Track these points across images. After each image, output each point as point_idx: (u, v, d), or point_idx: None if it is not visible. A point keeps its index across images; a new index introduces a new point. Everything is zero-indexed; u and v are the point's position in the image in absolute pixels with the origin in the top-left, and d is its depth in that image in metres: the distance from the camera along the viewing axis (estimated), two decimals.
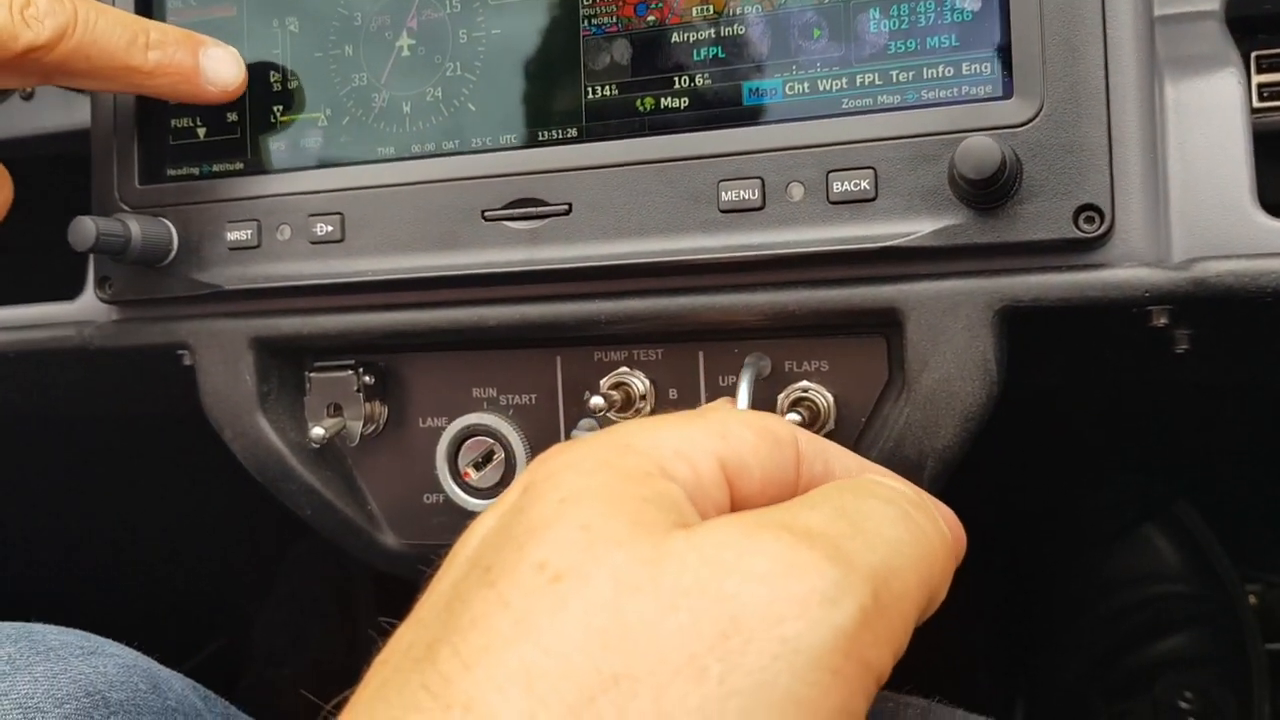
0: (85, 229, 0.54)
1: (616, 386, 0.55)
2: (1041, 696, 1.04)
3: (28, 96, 0.76)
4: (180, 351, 0.63)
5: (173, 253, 0.58)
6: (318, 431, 0.57)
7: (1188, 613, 1.03)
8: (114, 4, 0.59)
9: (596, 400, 0.53)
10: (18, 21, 0.50)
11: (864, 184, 0.47)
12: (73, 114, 0.74)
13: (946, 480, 0.49)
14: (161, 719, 0.47)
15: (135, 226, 0.56)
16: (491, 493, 0.58)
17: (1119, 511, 1.07)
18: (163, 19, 0.60)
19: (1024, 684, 1.11)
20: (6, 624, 0.49)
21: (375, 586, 1.21)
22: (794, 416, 0.50)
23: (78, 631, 0.50)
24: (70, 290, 0.66)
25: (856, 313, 0.49)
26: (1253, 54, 0.57)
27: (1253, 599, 1.08)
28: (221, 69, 0.56)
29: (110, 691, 0.46)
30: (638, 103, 0.52)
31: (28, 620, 0.54)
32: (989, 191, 0.44)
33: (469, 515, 0.58)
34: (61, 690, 0.44)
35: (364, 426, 0.59)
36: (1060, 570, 1.08)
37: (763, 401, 0.52)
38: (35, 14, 0.51)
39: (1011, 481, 1.07)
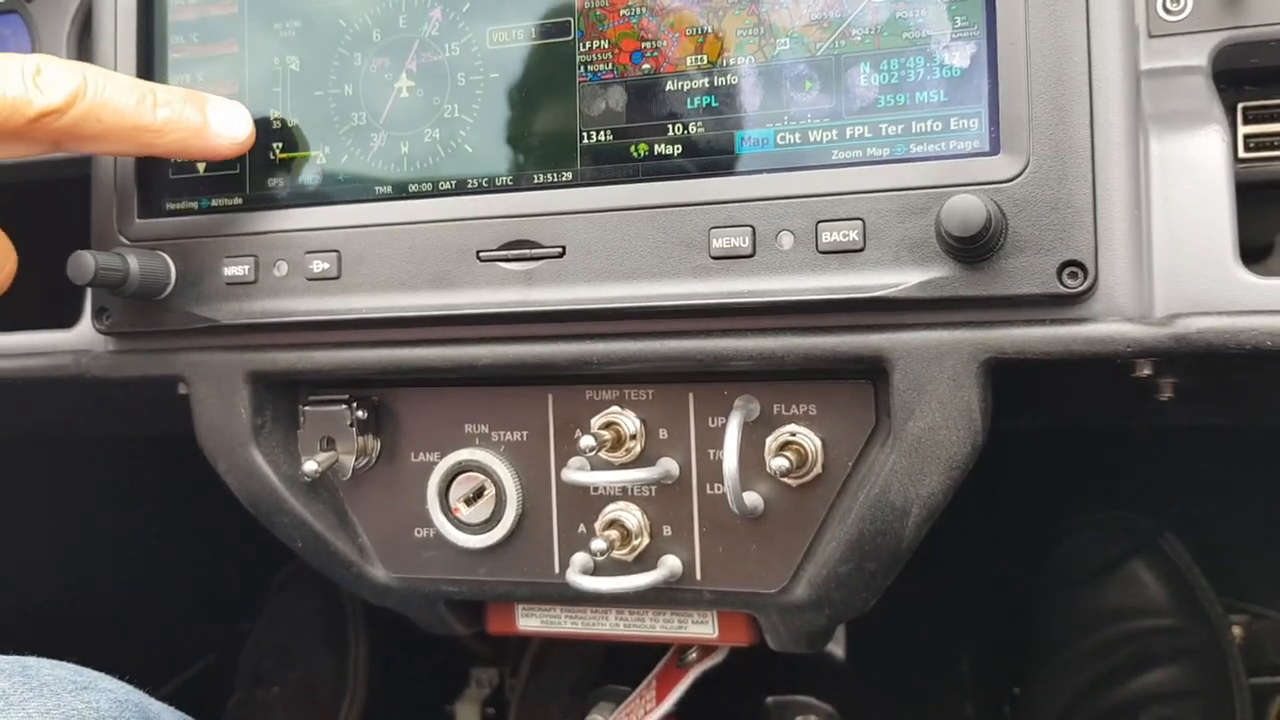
0: (84, 263, 0.55)
1: (607, 426, 0.55)
2: None
3: None
4: (178, 381, 0.64)
5: (170, 286, 0.58)
6: (310, 466, 0.57)
7: (1173, 646, 1.04)
8: (117, 57, 0.60)
9: (587, 440, 0.53)
10: (30, 88, 0.51)
11: (852, 234, 0.48)
12: None
13: (930, 525, 0.50)
14: None
15: (134, 261, 0.57)
16: (482, 528, 0.58)
17: (1106, 546, 1.08)
18: (164, 56, 0.60)
19: (1010, 715, 1.11)
20: (1, 657, 0.50)
21: (365, 607, 1.22)
22: (781, 462, 0.51)
23: (71, 666, 0.50)
24: (70, 315, 0.66)
25: (844, 360, 0.50)
26: (1239, 105, 0.58)
27: (1237, 631, 1.09)
28: (231, 122, 0.57)
29: None
30: (632, 148, 0.53)
31: (19, 640, 0.54)
32: (975, 247, 0.45)
33: (459, 550, 0.59)
34: None
35: (356, 460, 0.59)
36: (1047, 603, 1.08)
37: (750, 444, 0.53)
38: (47, 80, 0.52)
39: (999, 515, 1.08)
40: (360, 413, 0.59)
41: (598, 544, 0.54)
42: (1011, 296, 0.47)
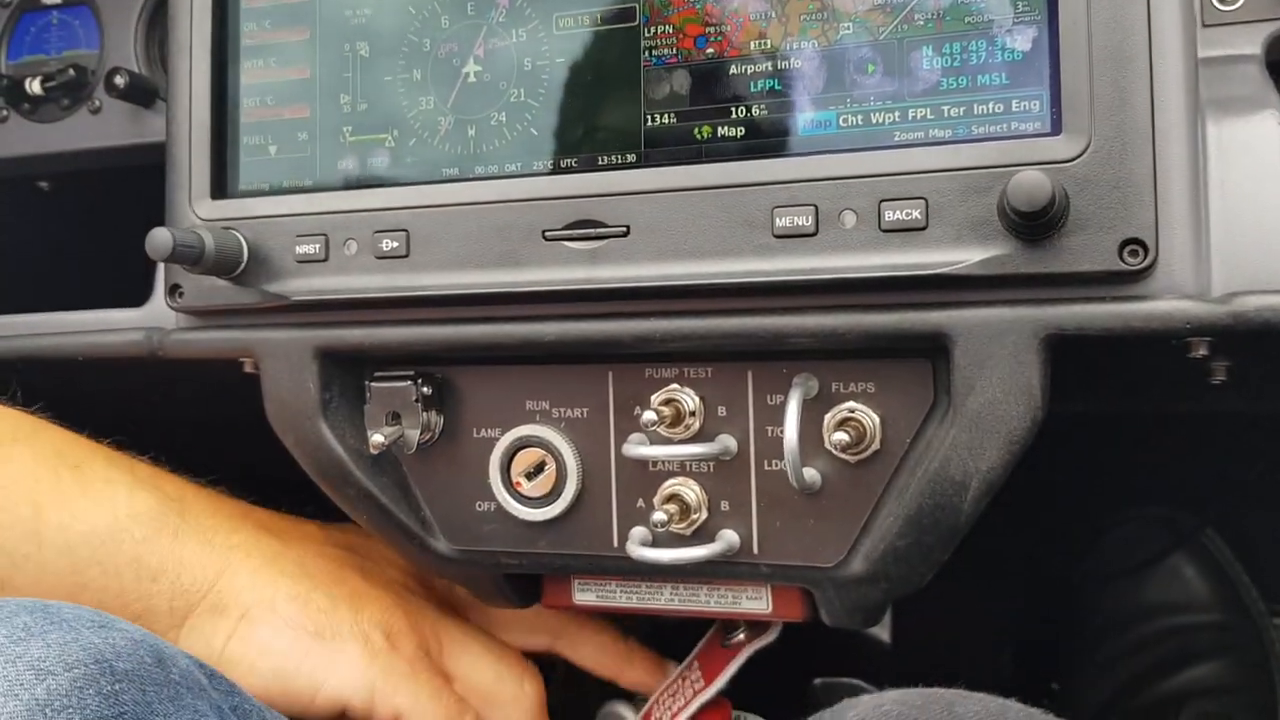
0: (162, 239, 0.57)
1: (667, 403, 0.57)
2: (1076, 716, 1.05)
3: (95, 110, 0.79)
4: (242, 360, 0.66)
5: (243, 264, 0.60)
6: (378, 439, 0.59)
7: (1215, 642, 1.04)
8: (192, 44, 0.63)
9: (648, 415, 0.55)
10: None
11: (915, 213, 0.49)
12: (140, 128, 0.77)
13: (989, 502, 0.51)
14: (165, 690, 0.50)
15: (209, 238, 0.59)
16: (543, 502, 0.60)
17: (1148, 541, 1.08)
18: (238, 42, 0.62)
19: (1049, 708, 1.11)
20: (24, 598, 0.52)
21: None
22: (841, 436, 0.52)
23: (90, 609, 0.52)
24: (133, 300, 0.68)
25: (905, 337, 0.51)
26: None
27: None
28: None
29: (118, 661, 0.48)
30: (695, 131, 0.54)
31: None
32: (1038, 224, 0.46)
33: (520, 523, 0.60)
34: (72, 656, 0.47)
35: (420, 435, 0.61)
36: (1089, 597, 1.09)
37: (809, 422, 0.54)
38: None
39: (1041, 508, 1.08)
40: (425, 389, 0.60)
41: (658, 515, 0.55)
42: (1072, 274, 0.48)
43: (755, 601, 0.62)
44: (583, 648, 0.72)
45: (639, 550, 0.57)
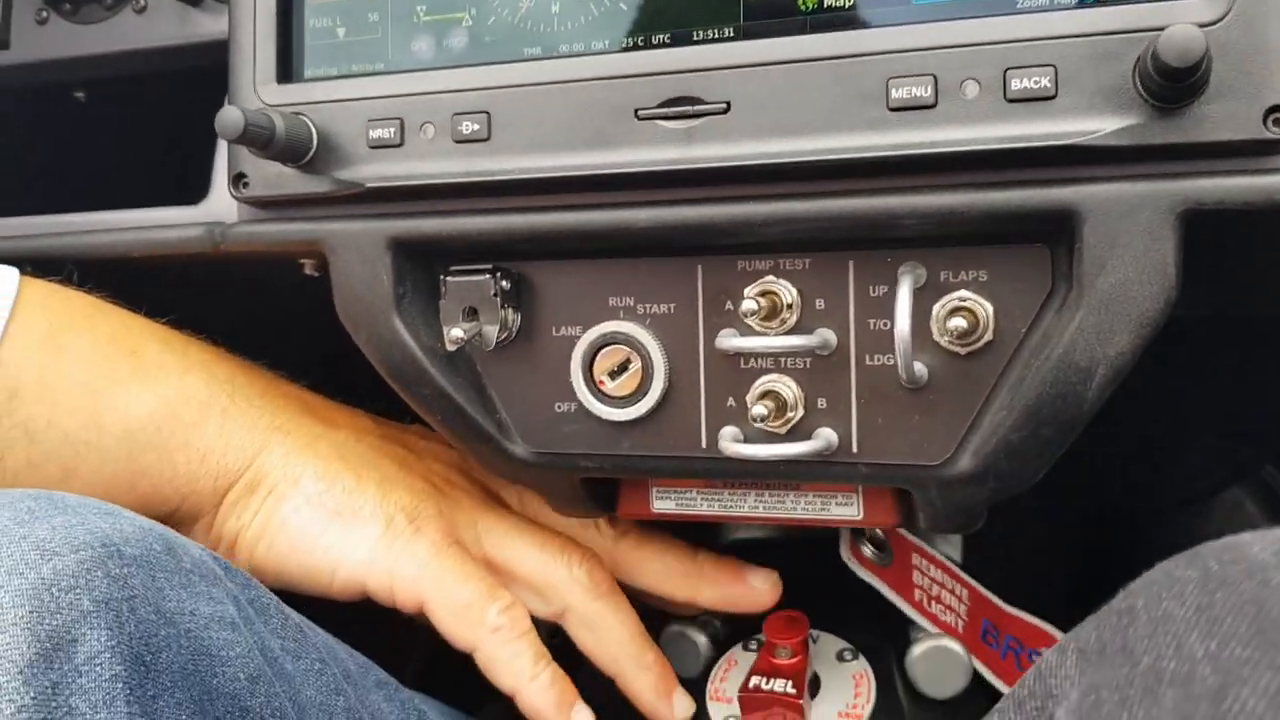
0: (233, 118, 0.54)
1: (764, 294, 0.54)
2: None
3: (140, 10, 0.76)
4: (303, 260, 0.63)
5: (312, 150, 0.57)
6: (456, 333, 0.56)
7: None
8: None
9: (748, 304, 0.52)
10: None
11: (1044, 81, 0.46)
12: (189, 27, 0.74)
13: (1112, 392, 0.48)
14: (176, 577, 0.48)
15: (279, 120, 0.56)
16: (627, 401, 0.57)
17: (1208, 474, 1.06)
18: None
19: None
20: (30, 489, 0.50)
21: None
22: (958, 323, 0.50)
23: (97, 500, 0.51)
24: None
25: (1029, 216, 0.48)
26: None
27: None
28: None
29: (126, 546, 0.47)
30: (800, 2, 0.51)
31: None
32: (1184, 85, 0.43)
33: (603, 423, 0.58)
34: (78, 539, 0.45)
35: (498, 333, 0.58)
36: (1147, 529, 1.06)
37: (916, 313, 0.51)
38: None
39: (1099, 438, 1.06)
40: (504, 283, 0.58)
41: (757, 409, 0.53)
42: (1212, 143, 0.45)
43: (845, 507, 0.60)
44: (646, 572, 0.67)
45: (733, 446, 0.54)
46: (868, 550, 0.70)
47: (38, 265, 0.64)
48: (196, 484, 0.62)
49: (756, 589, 0.66)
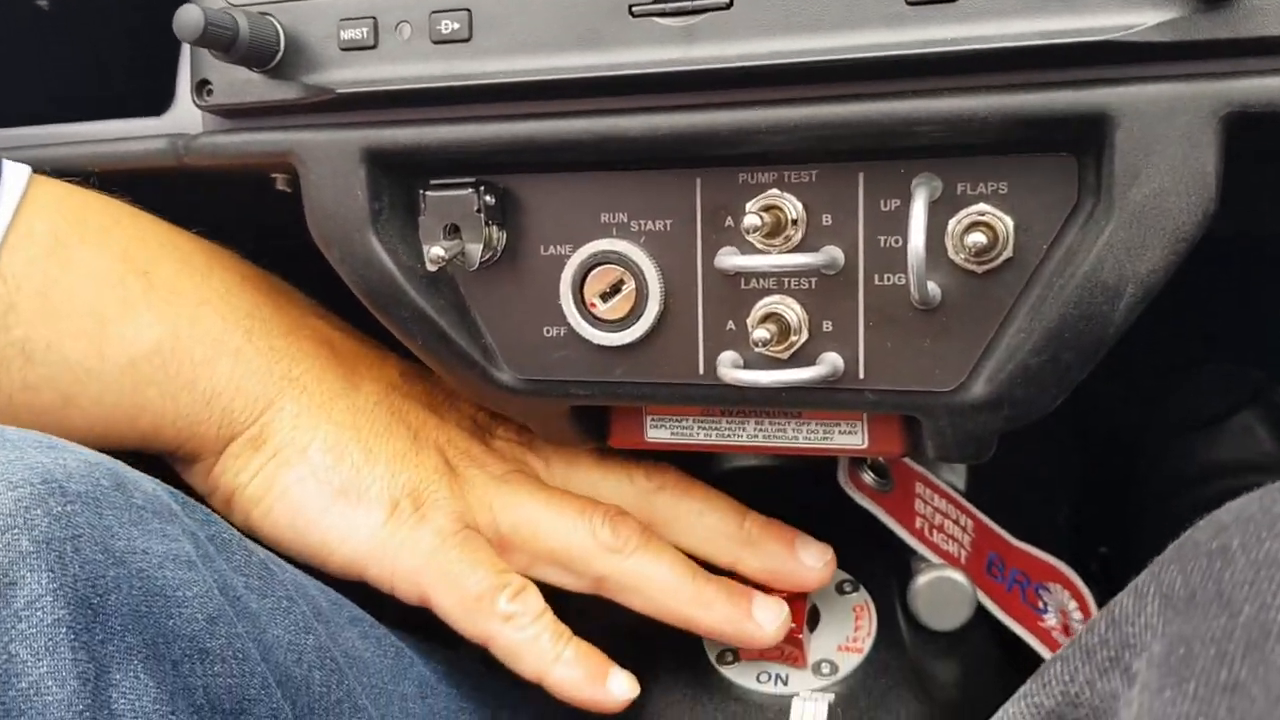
0: (192, 16, 0.49)
1: (767, 209, 0.50)
2: (1125, 580, 1.02)
3: None
4: (273, 175, 0.59)
5: (279, 53, 0.53)
6: (437, 252, 0.53)
7: None
8: None
9: (750, 219, 0.48)
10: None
11: None
12: None
13: (1140, 314, 0.45)
14: (126, 514, 0.45)
15: (242, 20, 0.51)
16: (620, 325, 0.54)
17: (1219, 397, 1.03)
18: None
19: (1098, 573, 1.08)
20: None
21: None
22: (977, 238, 0.46)
23: (40, 433, 0.47)
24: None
25: (1057, 121, 0.44)
26: None
27: None
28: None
29: (69, 482, 0.44)
30: None
31: None
32: None
33: (594, 348, 0.54)
34: (15, 475, 0.42)
35: (482, 252, 0.54)
36: (1154, 455, 1.04)
37: (933, 228, 0.48)
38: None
39: (1105, 360, 1.03)
40: (488, 198, 0.54)
41: (759, 334, 0.49)
42: (1261, 39, 0.41)
43: (849, 436, 0.57)
44: (684, 530, 0.61)
45: (733, 373, 0.51)
46: (868, 477, 0.68)
47: None
48: (200, 426, 0.58)
49: (808, 566, 0.60)
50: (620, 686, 0.57)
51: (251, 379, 0.59)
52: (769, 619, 0.58)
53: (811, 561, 0.60)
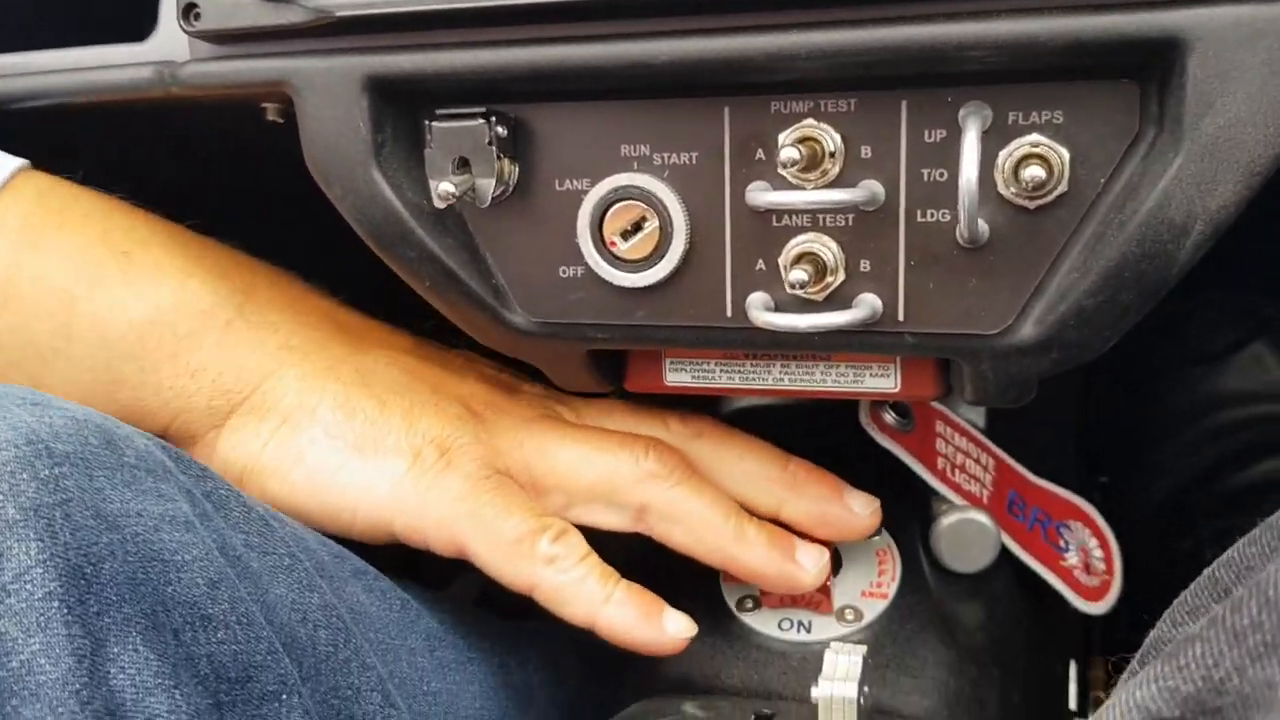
0: None
1: (803, 140, 0.47)
2: (1132, 512, 1.01)
3: None
4: (264, 105, 0.55)
5: None
6: (446, 187, 0.49)
7: None
8: None
9: (788, 152, 0.45)
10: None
11: None
12: None
13: (1209, 249, 0.42)
14: (118, 474, 0.42)
15: None
16: (642, 265, 0.51)
17: (1229, 327, 1.01)
18: None
19: (1100, 503, 1.07)
20: None
21: None
22: (1035, 172, 0.43)
23: (25, 388, 0.44)
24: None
25: (1123, 46, 0.41)
26: None
27: None
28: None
29: (56, 442, 0.41)
30: None
31: None
32: None
33: (614, 290, 0.51)
34: (1, 437, 0.40)
35: (494, 187, 0.51)
36: (1163, 385, 1.03)
37: (982, 159, 0.45)
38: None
39: None
40: (499, 129, 0.50)
41: (796, 274, 0.46)
42: None
43: (881, 379, 0.54)
44: (727, 475, 0.58)
45: (765, 316, 0.48)
46: (889, 417, 0.65)
47: None
48: (187, 399, 0.55)
49: (856, 514, 0.58)
50: (676, 625, 0.54)
51: (244, 350, 0.56)
52: (811, 562, 0.56)
53: (860, 508, 0.58)
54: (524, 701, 0.63)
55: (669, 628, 0.54)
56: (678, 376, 0.57)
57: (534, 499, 0.56)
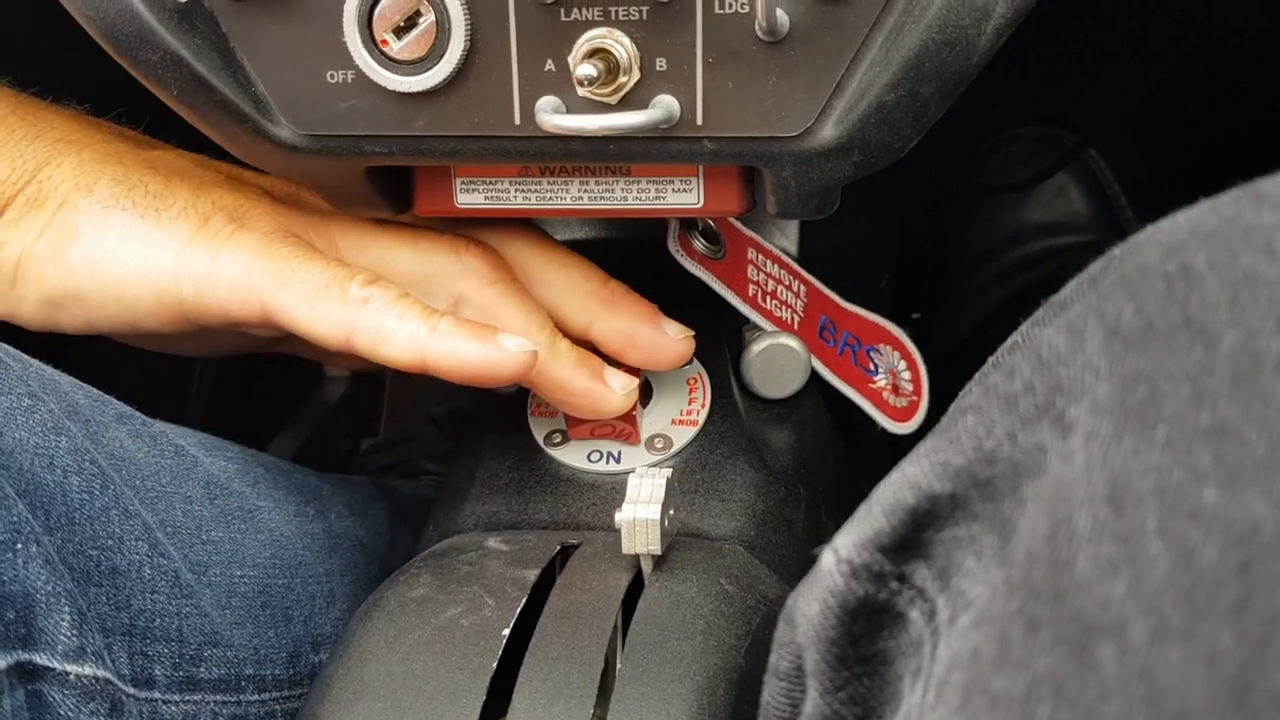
0: None
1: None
2: (941, 347, 1.03)
3: None
4: None
5: None
6: None
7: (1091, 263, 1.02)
8: None
9: (585, 70, 0.41)
10: None
11: None
12: None
13: (1009, 36, 0.41)
14: None
15: None
16: (419, 67, 0.46)
17: (1032, 161, 1.03)
18: None
19: (923, 333, 1.10)
20: None
21: None
22: None
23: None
24: None
25: None
26: None
27: None
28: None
29: None
30: None
31: None
32: None
33: (389, 95, 0.46)
34: None
35: None
36: (969, 219, 1.04)
37: None
38: None
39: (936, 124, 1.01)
40: None
41: (585, 70, 0.43)
42: None
43: (684, 194, 0.51)
44: (541, 283, 0.54)
45: (553, 119, 0.44)
46: (698, 243, 0.63)
47: None
48: None
49: (670, 337, 0.55)
50: (515, 341, 0.49)
51: (14, 143, 0.51)
52: (620, 384, 0.53)
53: (674, 332, 0.55)
54: (324, 549, 0.60)
55: (508, 344, 0.48)
56: (470, 198, 0.53)
57: None
